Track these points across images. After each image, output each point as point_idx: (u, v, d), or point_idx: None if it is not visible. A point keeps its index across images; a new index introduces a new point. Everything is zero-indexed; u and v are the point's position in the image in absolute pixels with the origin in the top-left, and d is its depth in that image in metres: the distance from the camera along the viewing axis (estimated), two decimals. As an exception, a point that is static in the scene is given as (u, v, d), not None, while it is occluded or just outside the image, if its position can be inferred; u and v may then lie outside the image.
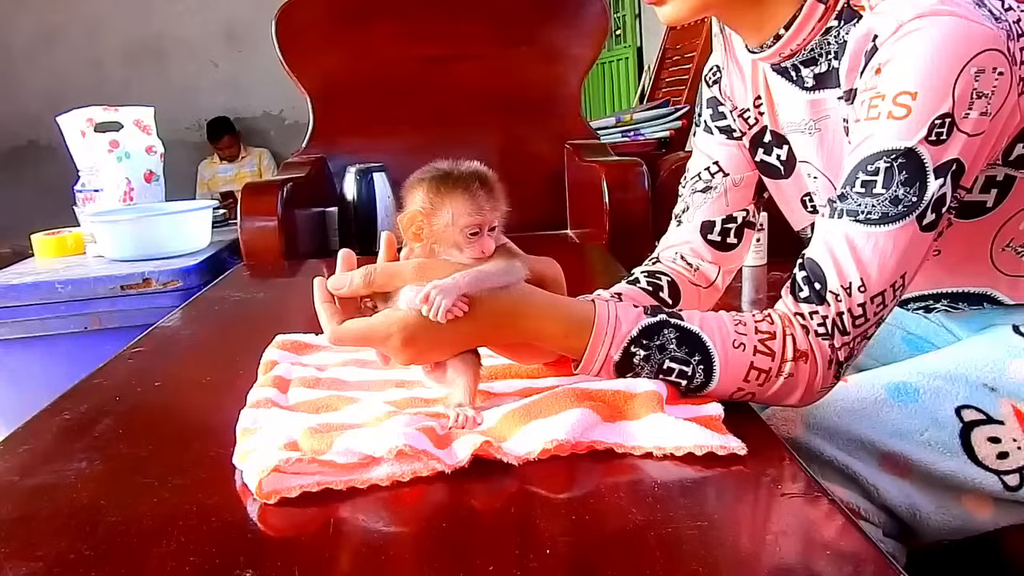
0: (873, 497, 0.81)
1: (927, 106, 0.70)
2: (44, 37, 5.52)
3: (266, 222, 1.75)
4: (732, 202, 0.98)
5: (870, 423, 0.82)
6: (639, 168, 1.86)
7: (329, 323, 0.69)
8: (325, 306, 0.70)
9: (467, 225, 0.67)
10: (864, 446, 0.81)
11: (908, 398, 0.83)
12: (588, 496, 0.59)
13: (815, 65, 0.84)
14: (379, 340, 0.68)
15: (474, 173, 0.69)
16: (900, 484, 0.81)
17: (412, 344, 0.67)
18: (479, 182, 0.68)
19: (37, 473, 0.67)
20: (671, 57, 3.19)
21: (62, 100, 3.17)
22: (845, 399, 0.83)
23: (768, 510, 0.59)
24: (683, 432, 0.64)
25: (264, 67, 4.76)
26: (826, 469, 0.81)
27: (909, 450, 0.81)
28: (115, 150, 2.01)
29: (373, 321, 0.68)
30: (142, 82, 5.48)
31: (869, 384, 0.85)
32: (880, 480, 0.81)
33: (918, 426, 0.82)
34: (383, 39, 2.21)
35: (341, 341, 0.69)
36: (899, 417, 0.82)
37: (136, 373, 0.94)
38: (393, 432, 0.63)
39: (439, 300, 0.65)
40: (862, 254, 0.71)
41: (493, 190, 0.68)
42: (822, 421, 0.82)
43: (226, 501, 0.60)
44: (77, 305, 1.70)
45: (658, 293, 0.92)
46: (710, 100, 1.00)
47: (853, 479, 0.81)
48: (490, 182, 0.69)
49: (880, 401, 0.83)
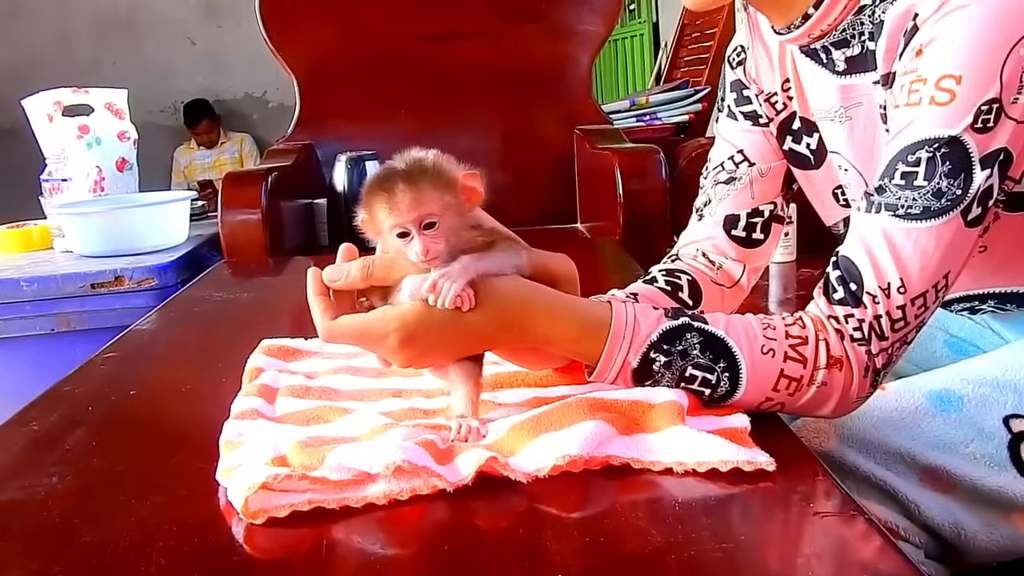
0: (913, 515, 0.81)
1: (973, 91, 0.70)
2: (7, 10, 5.52)
3: (249, 215, 1.76)
4: (758, 194, 0.98)
5: (910, 435, 0.82)
6: (655, 156, 1.86)
7: (322, 318, 0.69)
8: (319, 299, 0.69)
9: (392, 228, 0.67)
10: (903, 460, 0.81)
11: (951, 407, 0.83)
12: (603, 515, 0.59)
13: (847, 47, 0.84)
14: (375, 339, 0.68)
15: (397, 170, 0.68)
16: (943, 501, 0.81)
17: (411, 344, 0.67)
18: (403, 177, 0.67)
19: (5, 489, 0.67)
20: (690, 34, 3.19)
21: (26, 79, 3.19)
22: (883, 409, 0.83)
23: (799, 530, 0.59)
24: (706, 446, 0.64)
25: (246, 45, 4.77)
26: (862, 485, 0.81)
27: (953, 464, 0.81)
28: (85, 136, 2.02)
29: (369, 318, 0.68)
30: (113, 60, 5.49)
31: (909, 392, 0.85)
32: (921, 497, 0.81)
33: (962, 437, 0.82)
34: (377, 14, 2.21)
35: (334, 338, 0.69)
36: (942, 428, 0.82)
37: (110, 380, 0.95)
38: (390, 446, 0.63)
39: (446, 286, 0.65)
40: (902, 252, 0.71)
41: (418, 183, 0.67)
42: (857, 433, 0.82)
43: (209, 520, 0.61)
44: (44, 305, 1.70)
45: (677, 293, 0.92)
46: (734, 83, 1.01)
47: (892, 496, 0.81)
48: (416, 174, 0.67)
49: (921, 411, 0.83)
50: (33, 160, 2.22)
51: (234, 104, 5.71)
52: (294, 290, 0.71)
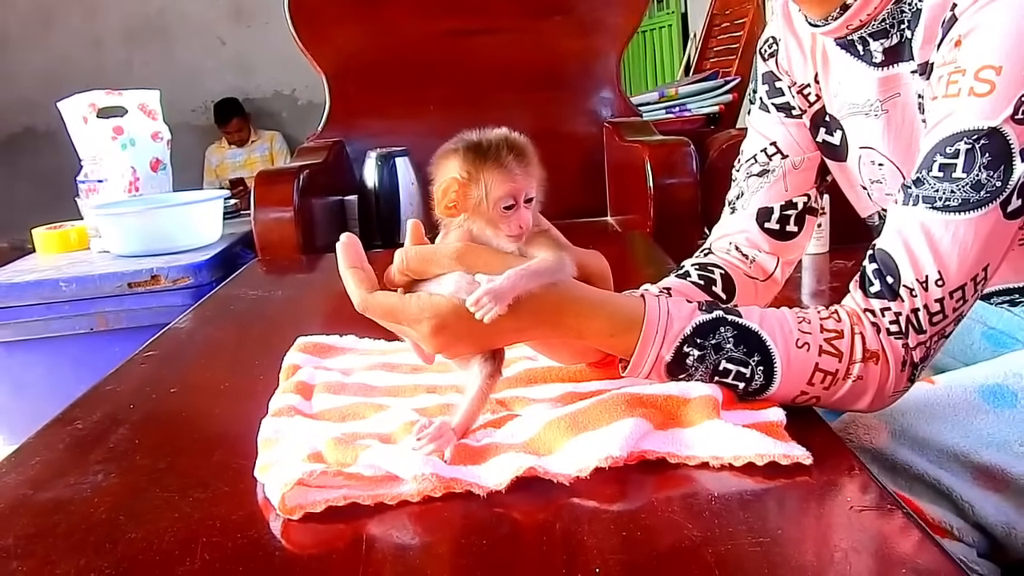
0: (967, 515, 0.80)
1: (1013, 82, 0.69)
2: (41, 17, 5.62)
3: (281, 213, 1.78)
4: (792, 186, 0.97)
5: (963, 431, 0.81)
6: (686, 148, 1.86)
7: (358, 289, 0.70)
8: (353, 271, 0.70)
9: (501, 196, 0.68)
10: (957, 458, 0.80)
11: (1004, 403, 0.82)
12: (639, 510, 0.60)
13: (885, 37, 0.83)
14: (409, 320, 0.68)
15: (503, 140, 0.69)
16: (995, 500, 0.80)
17: (442, 332, 0.68)
18: (509, 148, 0.68)
19: (52, 487, 0.69)
20: (719, 24, 3.16)
21: (61, 83, 3.23)
22: (934, 405, 0.82)
23: (836, 525, 0.59)
24: (742, 440, 0.64)
25: (275, 44, 4.82)
26: (915, 483, 0.80)
27: (1007, 462, 0.79)
28: (119, 137, 2.05)
29: (407, 299, 0.69)
30: (145, 62, 5.57)
31: (960, 387, 0.84)
32: (975, 496, 0.80)
33: (1016, 435, 0.80)
34: (404, 12, 2.22)
35: (369, 311, 0.70)
36: (995, 425, 0.81)
37: (150, 379, 0.97)
38: (419, 455, 0.64)
39: (490, 306, 0.65)
40: (940, 245, 0.70)
41: (525, 156, 0.69)
42: (909, 430, 0.81)
43: (251, 516, 0.62)
44: (82, 304, 1.74)
45: (711, 287, 0.92)
46: (766, 75, 1.00)
47: (945, 495, 0.80)
48: (521, 147, 0.69)
49: (974, 407, 0.82)
50: (69, 162, 2.26)
51: (263, 102, 5.76)
52: (327, 287, 0.72)
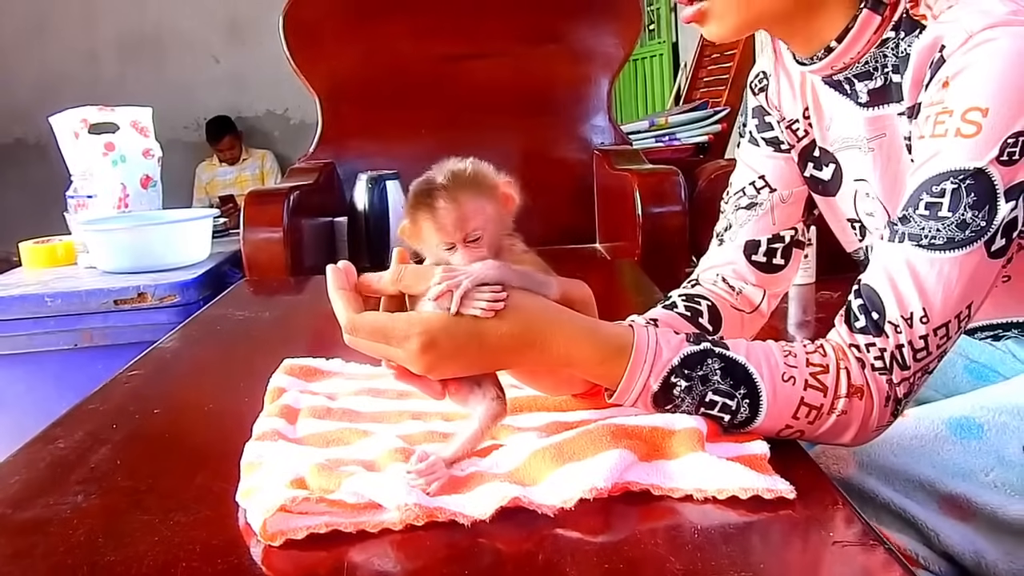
0: (933, 543, 0.81)
1: (999, 123, 0.70)
2: (35, 27, 5.61)
3: (270, 233, 1.78)
4: (779, 220, 0.98)
5: (930, 462, 0.82)
6: (675, 177, 1.87)
7: (346, 311, 0.69)
8: (342, 293, 0.70)
9: (437, 242, 0.70)
10: (923, 487, 0.81)
11: (971, 435, 0.83)
12: (623, 542, 0.59)
13: (869, 80, 0.84)
14: (397, 339, 0.68)
15: (447, 180, 0.69)
16: (963, 529, 0.80)
17: (431, 350, 0.67)
18: (448, 190, 0.68)
19: (31, 507, 0.68)
20: (710, 55, 3.20)
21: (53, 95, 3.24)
22: (902, 436, 0.83)
23: (819, 559, 0.59)
24: (726, 473, 0.64)
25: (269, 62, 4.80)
26: (881, 513, 0.81)
27: (973, 492, 0.80)
28: (110, 153, 2.05)
29: (395, 317, 0.69)
30: (138, 77, 5.56)
31: (928, 419, 0.85)
32: (941, 525, 0.80)
33: (982, 465, 0.81)
34: (398, 36, 2.23)
35: (356, 331, 0.69)
36: (961, 456, 0.82)
37: (134, 398, 0.96)
38: (403, 485, 0.63)
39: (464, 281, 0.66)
40: (925, 282, 0.71)
41: (462, 201, 0.68)
42: (876, 460, 0.82)
43: (232, 542, 0.61)
44: (67, 320, 1.73)
45: (697, 319, 0.92)
46: (756, 109, 1.01)
47: (911, 523, 0.81)
48: (459, 190, 0.68)
49: (940, 438, 0.83)
50: (59, 176, 2.25)
51: (255, 121, 5.76)
52: (315, 309, 0.72)
